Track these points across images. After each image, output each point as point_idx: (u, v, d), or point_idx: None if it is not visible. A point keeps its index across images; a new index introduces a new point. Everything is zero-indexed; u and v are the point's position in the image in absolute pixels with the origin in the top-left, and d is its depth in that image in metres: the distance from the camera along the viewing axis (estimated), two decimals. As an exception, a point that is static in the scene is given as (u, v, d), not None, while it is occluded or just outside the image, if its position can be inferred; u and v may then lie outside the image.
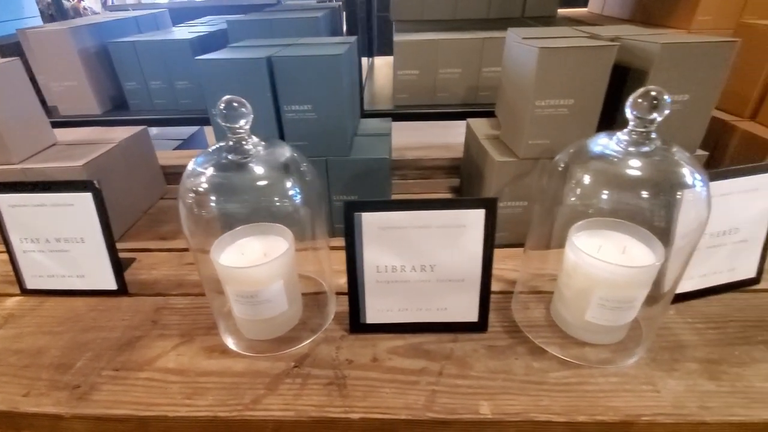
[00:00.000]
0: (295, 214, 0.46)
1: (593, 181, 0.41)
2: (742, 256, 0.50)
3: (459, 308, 0.46)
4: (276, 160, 0.42)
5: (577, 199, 0.42)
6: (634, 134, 0.37)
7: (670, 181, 0.38)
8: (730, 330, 0.47)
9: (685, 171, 0.39)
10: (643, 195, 0.39)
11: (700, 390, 0.40)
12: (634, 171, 0.38)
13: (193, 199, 0.39)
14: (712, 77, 0.50)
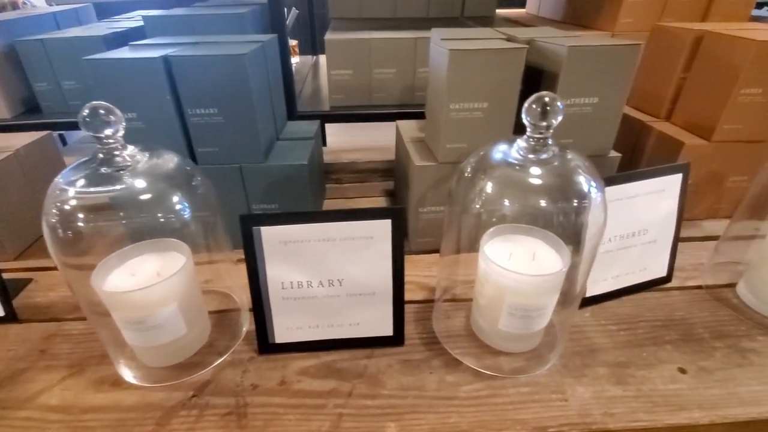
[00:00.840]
0: (187, 228, 0.42)
1: (495, 188, 0.40)
2: (652, 256, 0.51)
3: (372, 323, 0.44)
4: (158, 171, 0.38)
5: (482, 206, 0.41)
6: (531, 140, 0.36)
7: (566, 187, 0.38)
8: (640, 331, 0.47)
9: (581, 178, 0.38)
10: (543, 202, 0.39)
11: (606, 396, 0.40)
12: (533, 178, 0.37)
13: (57, 219, 0.35)
14: (619, 80, 0.50)
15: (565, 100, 0.50)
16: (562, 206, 0.39)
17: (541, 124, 0.34)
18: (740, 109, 0.57)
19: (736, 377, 0.42)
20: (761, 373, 0.42)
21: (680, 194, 0.50)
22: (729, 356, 0.44)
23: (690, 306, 0.51)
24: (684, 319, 0.49)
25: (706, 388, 0.41)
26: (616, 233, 0.48)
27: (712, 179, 0.63)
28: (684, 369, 0.43)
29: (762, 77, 0.55)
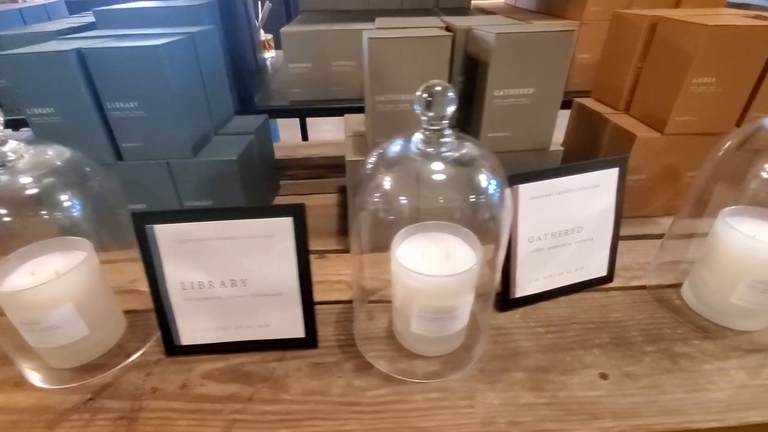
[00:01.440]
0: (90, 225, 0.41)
1: (393, 184, 0.37)
2: (589, 254, 0.49)
3: (282, 324, 0.43)
4: (43, 167, 0.36)
5: (382, 203, 0.39)
6: (426, 133, 0.34)
7: (465, 182, 0.36)
8: (569, 333, 0.45)
9: (478, 171, 0.36)
10: (444, 197, 0.37)
11: (517, 403, 0.38)
12: (432, 173, 0.35)
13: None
14: (554, 69, 0.47)
15: (498, 91, 0.48)
16: (465, 201, 0.37)
17: (429, 113, 0.32)
18: (693, 99, 0.54)
19: (661, 384, 0.39)
20: (689, 381, 0.39)
21: (617, 190, 0.47)
22: (658, 361, 0.41)
23: (628, 307, 0.48)
24: (619, 321, 0.46)
25: (625, 396, 0.38)
26: (547, 231, 0.46)
27: (668, 174, 0.60)
28: (606, 375, 0.40)
29: (715, 65, 0.52)
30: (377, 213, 0.39)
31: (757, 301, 0.42)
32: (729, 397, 0.38)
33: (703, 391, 0.38)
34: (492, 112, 0.49)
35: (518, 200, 0.43)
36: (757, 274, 0.41)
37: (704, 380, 0.39)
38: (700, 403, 0.37)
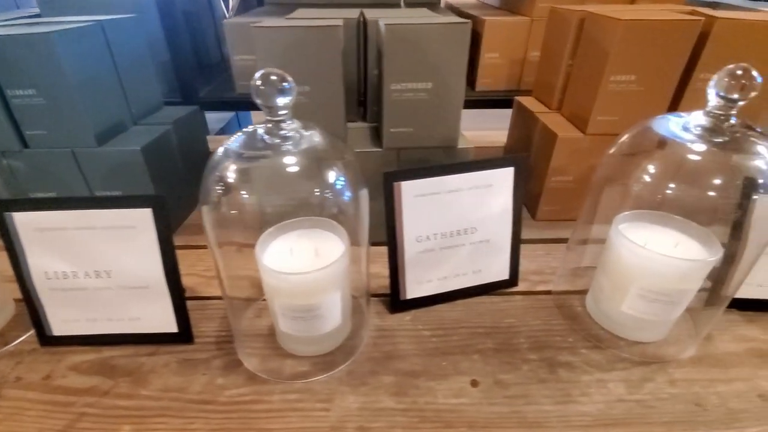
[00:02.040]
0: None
1: (236, 179, 0.36)
2: (487, 257, 0.47)
3: (153, 318, 0.42)
4: None
5: (227, 199, 0.37)
6: (269, 125, 0.32)
7: (309, 175, 0.34)
8: (455, 338, 0.43)
9: (327, 167, 0.35)
10: (294, 192, 0.35)
11: (374, 408, 0.36)
12: (284, 167, 0.34)
13: None
14: (453, 63, 0.46)
15: (395, 85, 0.47)
16: (313, 195, 0.35)
17: (263, 102, 0.31)
18: (613, 98, 0.51)
19: (531, 394, 0.37)
20: (561, 392, 0.37)
21: (515, 190, 0.45)
22: (536, 370, 0.40)
23: (525, 313, 0.46)
24: (511, 326, 0.45)
25: (489, 405, 0.36)
26: (436, 231, 0.44)
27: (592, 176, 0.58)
28: (477, 382, 0.39)
29: (633, 62, 0.50)
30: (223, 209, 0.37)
31: (647, 311, 0.40)
32: (598, 411, 0.36)
33: (572, 404, 0.37)
34: (391, 107, 0.47)
35: (401, 198, 0.42)
36: (646, 283, 0.39)
37: (578, 392, 0.37)
38: (565, 416, 0.36)
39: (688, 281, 0.38)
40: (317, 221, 0.41)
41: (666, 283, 0.38)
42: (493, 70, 0.83)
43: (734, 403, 0.36)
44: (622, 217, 0.42)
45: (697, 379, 0.39)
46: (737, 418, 0.35)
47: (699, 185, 0.37)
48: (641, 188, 0.40)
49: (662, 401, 0.37)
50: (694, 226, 0.41)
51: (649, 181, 0.39)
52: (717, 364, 0.40)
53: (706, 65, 0.50)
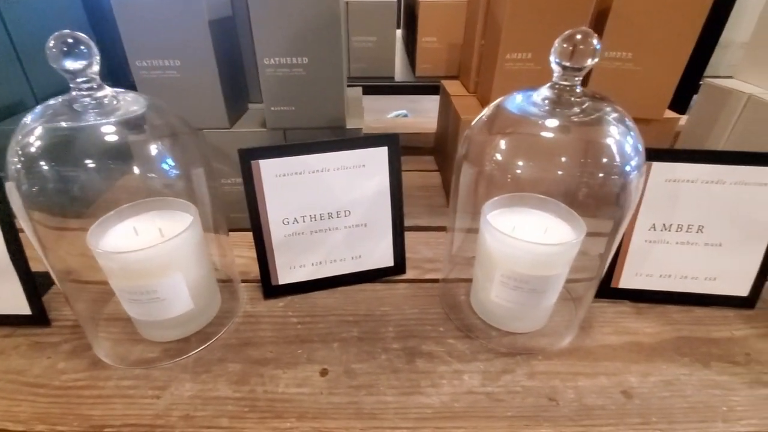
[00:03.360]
0: None
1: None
2: (366, 242, 0.45)
3: (6, 300, 0.40)
4: None
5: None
6: (74, 93, 0.31)
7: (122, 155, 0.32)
8: (321, 325, 0.41)
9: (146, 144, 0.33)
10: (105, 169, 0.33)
11: (208, 396, 0.35)
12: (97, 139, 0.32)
13: None
14: (326, 37, 0.43)
15: (268, 59, 0.44)
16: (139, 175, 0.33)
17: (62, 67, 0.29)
18: (510, 77, 0.49)
19: (377, 385, 0.35)
20: (410, 383, 0.35)
21: (390, 172, 0.43)
22: (393, 360, 0.37)
23: (403, 301, 0.44)
24: (385, 315, 0.42)
25: (329, 395, 0.34)
26: (304, 213, 0.42)
27: (506, 161, 0.55)
28: (327, 371, 0.36)
29: (527, 39, 0.47)
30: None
31: (512, 300, 0.37)
32: (441, 403, 0.34)
33: (417, 395, 0.34)
34: (268, 83, 0.45)
35: (260, 177, 0.40)
36: (506, 270, 0.36)
37: (428, 383, 0.35)
38: (404, 407, 0.33)
39: (547, 267, 0.35)
40: (168, 202, 0.39)
41: (523, 269, 0.35)
42: (432, 54, 0.80)
43: (591, 399, 0.34)
44: (491, 204, 0.39)
45: (560, 372, 0.36)
46: (589, 415, 0.33)
47: (555, 163, 0.34)
48: (504, 171, 0.37)
49: (513, 394, 0.34)
50: (563, 207, 0.38)
51: (508, 162, 0.36)
52: (587, 357, 0.37)
53: (609, 42, 0.47)
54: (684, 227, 0.40)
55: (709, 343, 0.39)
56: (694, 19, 0.45)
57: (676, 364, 0.37)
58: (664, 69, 0.47)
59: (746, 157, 0.37)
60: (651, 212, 0.39)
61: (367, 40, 0.84)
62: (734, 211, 0.39)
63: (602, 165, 0.34)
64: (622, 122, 0.33)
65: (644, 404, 0.33)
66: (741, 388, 0.35)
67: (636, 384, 0.35)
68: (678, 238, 0.40)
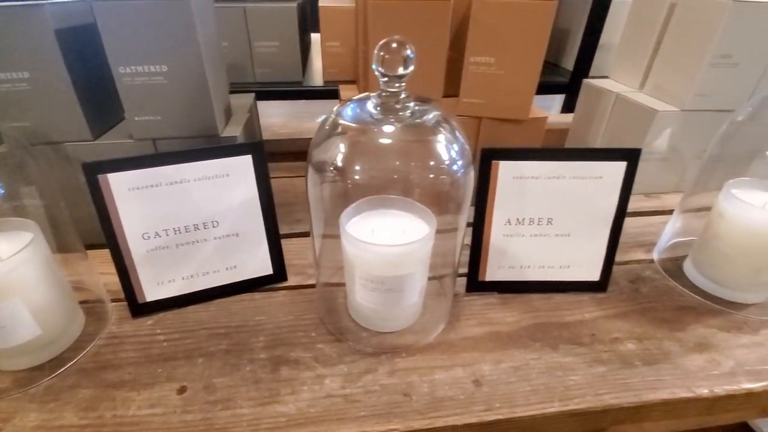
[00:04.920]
0: None
1: None
2: (240, 252, 0.44)
3: None
4: None
5: None
6: None
7: None
8: (190, 341, 0.40)
9: None
10: None
11: (51, 426, 0.32)
12: None
13: None
14: (183, 40, 0.42)
15: (124, 68, 0.43)
16: None
17: None
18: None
19: (236, 398, 0.35)
20: (269, 392, 0.35)
21: (258, 180, 0.42)
22: (257, 370, 0.37)
23: (280, 309, 0.44)
24: (258, 324, 0.42)
25: (183, 413, 0.33)
26: (167, 226, 0.40)
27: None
28: (185, 388, 0.35)
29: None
30: None
31: (373, 300, 0.38)
32: (297, 410, 0.34)
33: (274, 404, 0.34)
34: (127, 92, 0.43)
35: (111, 191, 0.38)
36: (362, 272, 0.37)
37: (288, 391, 0.35)
38: (258, 418, 0.33)
39: (399, 267, 0.36)
40: (5, 222, 0.36)
41: (376, 271, 0.36)
42: (337, 59, 0.81)
43: (443, 391, 0.35)
44: (353, 208, 0.40)
45: (420, 367, 0.37)
46: (438, 407, 0.34)
47: (393, 166, 0.36)
48: (347, 176, 0.38)
49: (370, 394, 0.35)
50: (418, 206, 0.39)
51: (350, 168, 0.37)
52: (449, 350, 0.39)
53: (474, 47, 0.50)
54: (535, 221, 0.42)
55: (561, 327, 0.42)
56: (541, 27, 0.48)
57: (528, 349, 0.39)
58: (523, 73, 0.50)
59: (579, 154, 0.40)
60: (504, 208, 0.42)
61: (270, 45, 0.83)
62: (576, 203, 0.42)
63: (432, 164, 0.35)
64: (447, 122, 0.34)
65: (491, 391, 0.35)
66: (581, 367, 0.37)
67: (488, 372, 0.37)
68: (531, 231, 0.43)
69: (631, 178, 0.41)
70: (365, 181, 0.38)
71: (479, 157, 0.40)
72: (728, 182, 0.44)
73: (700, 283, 0.46)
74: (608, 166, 0.40)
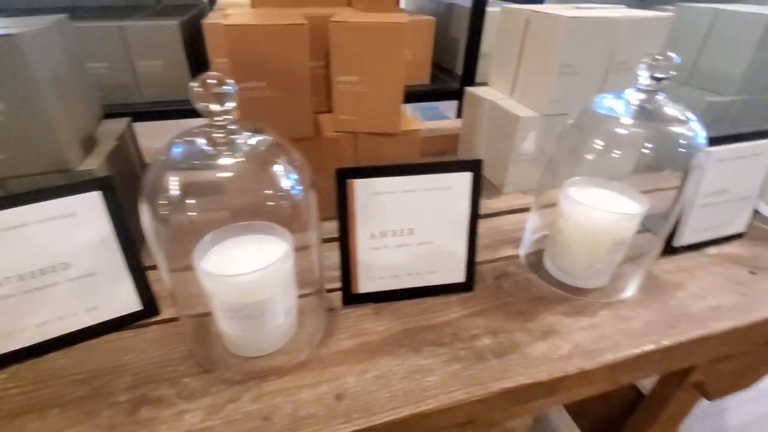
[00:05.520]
0: None
1: None
2: (100, 291, 0.42)
3: None
4: None
5: None
6: None
7: None
8: (47, 391, 0.37)
9: None
10: None
11: None
12: None
13: None
14: (17, 81, 0.40)
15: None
16: None
17: None
18: (246, 105, 0.50)
19: (87, 447, 0.34)
20: (125, 436, 0.34)
21: (111, 215, 0.41)
22: (115, 415, 0.36)
23: (150, 345, 0.42)
24: (125, 364, 0.40)
25: (23, 474, 0.32)
26: (8, 273, 0.38)
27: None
28: (31, 445, 0.34)
29: (253, 72, 0.49)
30: None
31: (237, 327, 0.39)
32: (152, 450, 0.33)
33: (129, 448, 0.34)
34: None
35: (-68, 244, 0.35)
36: (221, 302, 0.37)
37: (147, 431, 0.35)
38: (109, 465, 0.33)
39: (253, 294, 0.37)
40: None
41: (232, 299, 0.37)
42: (226, 76, 0.80)
43: (306, 409, 0.36)
44: (210, 238, 0.40)
45: (287, 388, 0.38)
46: (298, 427, 0.35)
47: (237, 197, 0.36)
48: (182, 210, 0.38)
49: (231, 423, 0.35)
50: (277, 228, 0.40)
51: (182, 202, 0.37)
52: (318, 367, 0.40)
53: (339, 67, 0.52)
54: (398, 232, 0.45)
55: (427, 330, 0.44)
56: (394, 47, 0.50)
57: (393, 356, 0.41)
58: (386, 89, 0.53)
59: (427, 168, 0.43)
60: (366, 223, 0.44)
61: (153, 64, 0.80)
62: (433, 213, 0.45)
63: (270, 192, 0.37)
64: (280, 147, 0.35)
65: (352, 403, 0.37)
66: (439, 367, 0.40)
67: (352, 384, 0.39)
68: (395, 242, 0.45)
69: (477, 186, 0.44)
70: (208, 216, 0.38)
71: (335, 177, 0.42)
72: (567, 181, 0.49)
73: (554, 273, 0.51)
74: (455, 177, 0.44)
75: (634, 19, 0.61)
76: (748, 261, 0.55)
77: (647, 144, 0.44)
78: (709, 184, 0.51)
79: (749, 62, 0.73)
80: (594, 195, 0.48)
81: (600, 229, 0.46)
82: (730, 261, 0.55)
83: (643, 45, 0.64)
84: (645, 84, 0.41)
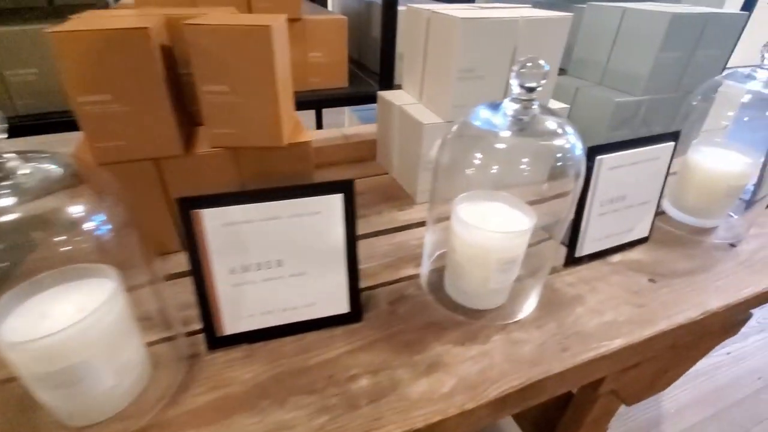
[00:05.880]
0: None
1: None
2: None
3: None
4: None
5: None
6: None
7: None
8: None
9: None
10: None
11: None
12: None
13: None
14: None
15: None
16: None
17: None
18: (88, 119, 0.43)
19: None
20: None
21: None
22: None
23: (-43, 420, 0.36)
24: None
25: None
26: None
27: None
28: None
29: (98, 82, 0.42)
30: None
31: (55, 398, 0.32)
32: None
33: None
34: None
35: None
36: (28, 372, 0.30)
37: None
38: None
39: (64, 357, 0.30)
40: None
41: (36, 368, 0.30)
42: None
43: (134, 491, 0.31)
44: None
45: (117, 464, 0.32)
46: None
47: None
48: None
49: None
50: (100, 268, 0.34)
51: None
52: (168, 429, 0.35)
53: (202, 75, 0.46)
54: (263, 265, 0.39)
55: (300, 373, 0.39)
56: (263, 52, 0.45)
57: (252, 412, 0.36)
58: (261, 99, 0.47)
59: (290, 193, 0.38)
60: (223, 258, 0.38)
61: (27, 73, 0.71)
62: (303, 241, 0.40)
63: (64, 238, 0.30)
64: (76, 178, 0.30)
65: (192, 477, 0.32)
66: (302, 422, 0.35)
67: (197, 453, 0.33)
68: (262, 276, 0.40)
69: (350, 208, 0.39)
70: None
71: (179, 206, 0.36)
72: (458, 197, 0.46)
73: (453, 294, 0.48)
74: (324, 200, 0.39)
75: (533, 20, 0.59)
76: (649, 267, 0.53)
77: (524, 158, 0.41)
78: (604, 192, 0.49)
79: (654, 61, 0.73)
80: (484, 210, 0.45)
81: (488, 248, 0.42)
82: (632, 269, 0.53)
83: (544, 46, 0.61)
84: (517, 93, 0.38)
